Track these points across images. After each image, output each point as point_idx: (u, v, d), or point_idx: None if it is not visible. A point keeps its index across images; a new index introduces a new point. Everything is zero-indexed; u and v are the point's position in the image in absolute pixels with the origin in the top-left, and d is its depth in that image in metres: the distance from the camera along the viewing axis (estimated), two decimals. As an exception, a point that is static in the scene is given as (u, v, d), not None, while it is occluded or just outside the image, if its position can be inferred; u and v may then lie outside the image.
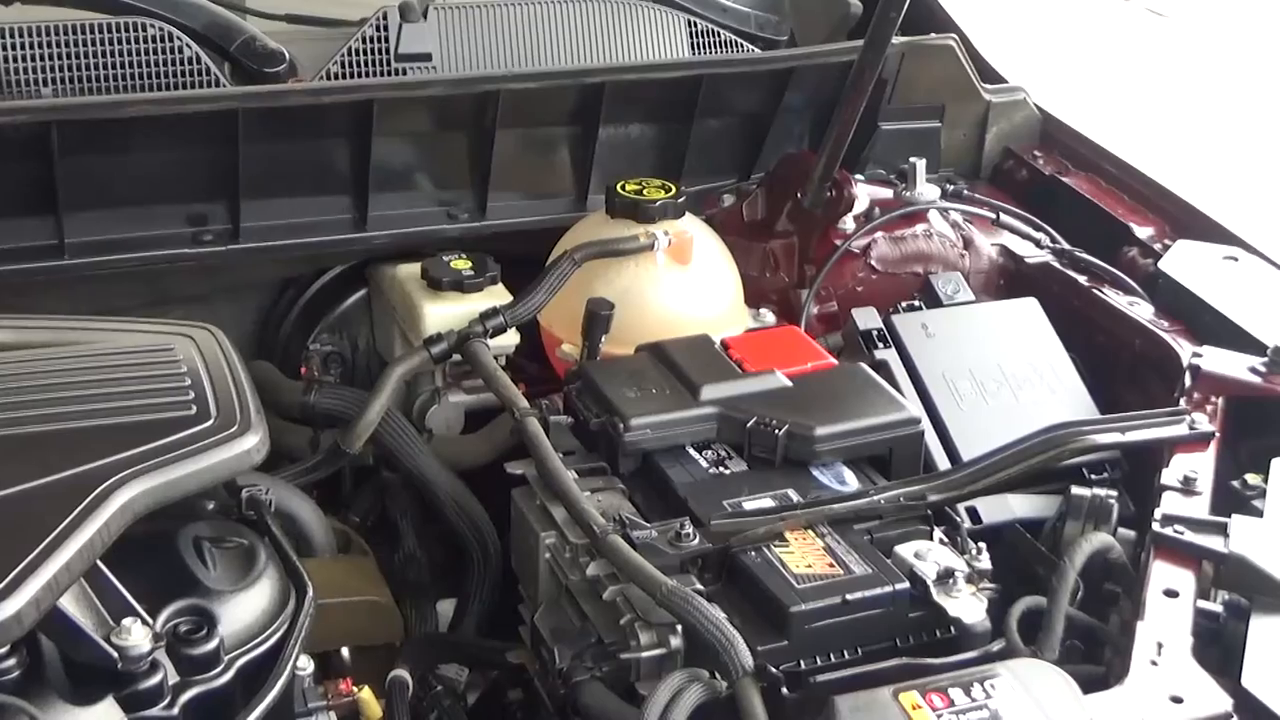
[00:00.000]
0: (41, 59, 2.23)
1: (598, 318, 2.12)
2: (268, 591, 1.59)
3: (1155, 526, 1.73)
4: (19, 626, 1.33)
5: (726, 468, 1.85)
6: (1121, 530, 1.81)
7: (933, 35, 2.66)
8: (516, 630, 1.95)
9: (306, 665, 1.63)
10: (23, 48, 2.22)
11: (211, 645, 1.49)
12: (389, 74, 2.39)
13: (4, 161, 2.09)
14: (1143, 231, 2.48)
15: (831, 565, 1.63)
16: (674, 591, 1.55)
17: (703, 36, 2.71)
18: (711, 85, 2.45)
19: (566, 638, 1.74)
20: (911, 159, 2.51)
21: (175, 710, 1.46)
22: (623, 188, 2.28)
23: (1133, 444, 1.89)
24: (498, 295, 2.26)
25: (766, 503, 1.76)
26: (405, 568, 2.25)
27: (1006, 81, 2.82)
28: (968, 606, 1.60)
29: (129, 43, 2.24)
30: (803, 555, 1.65)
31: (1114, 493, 1.85)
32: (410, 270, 2.32)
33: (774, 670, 1.51)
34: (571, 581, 1.77)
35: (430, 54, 2.42)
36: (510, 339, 2.22)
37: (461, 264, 2.28)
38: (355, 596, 2.01)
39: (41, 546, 1.36)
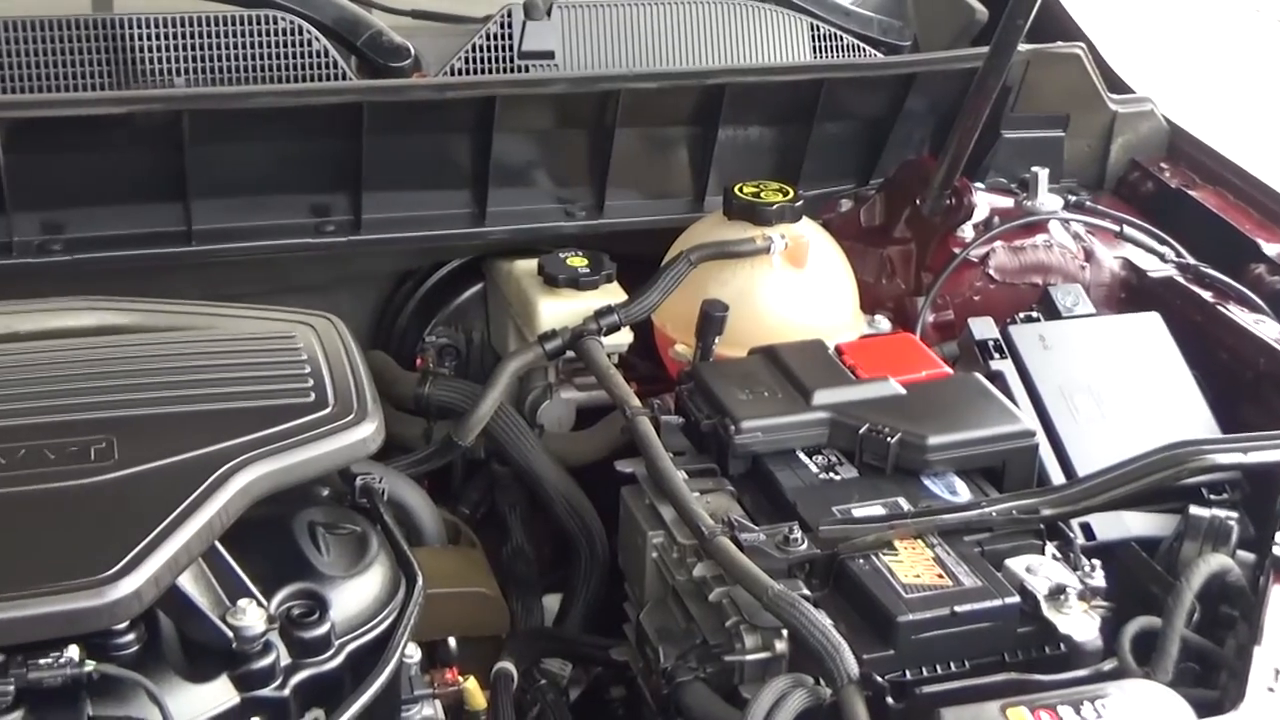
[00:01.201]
0: (176, 49, 2.27)
1: (712, 319, 2.12)
2: (379, 579, 1.61)
3: (1276, 550, 1.69)
4: (139, 603, 1.36)
5: (837, 473, 1.84)
6: (1240, 553, 1.77)
7: (1059, 43, 2.62)
8: (621, 628, 1.96)
9: (414, 653, 1.65)
10: (158, 38, 2.26)
11: (323, 629, 1.52)
12: (511, 71, 2.41)
13: (138, 148, 2.14)
14: (1271, 248, 2.42)
15: (941, 576, 1.62)
16: (780, 595, 1.55)
17: (825, 40, 2.69)
18: (832, 89, 2.43)
19: (671, 637, 1.75)
20: (1034, 168, 2.48)
21: (286, 691, 1.48)
22: (740, 190, 2.28)
23: (1255, 465, 1.84)
24: (613, 293, 2.27)
25: (876, 510, 1.75)
26: (513, 561, 2.26)
27: (1134, 92, 2.77)
28: (1079, 624, 1.57)
29: (260, 35, 2.28)
30: (911, 565, 1.64)
31: (1234, 514, 1.80)
32: (527, 266, 2.34)
33: (879, 679, 1.50)
34: (678, 581, 1.77)
35: (553, 52, 2.44)
36: (624, 337, 2.22)
37: (578, 261, 2.29)
38: (463, 588, 2.03)
39: (163, 525, 1.40)
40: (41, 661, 1.34)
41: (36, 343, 1.75)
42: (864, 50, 2.73)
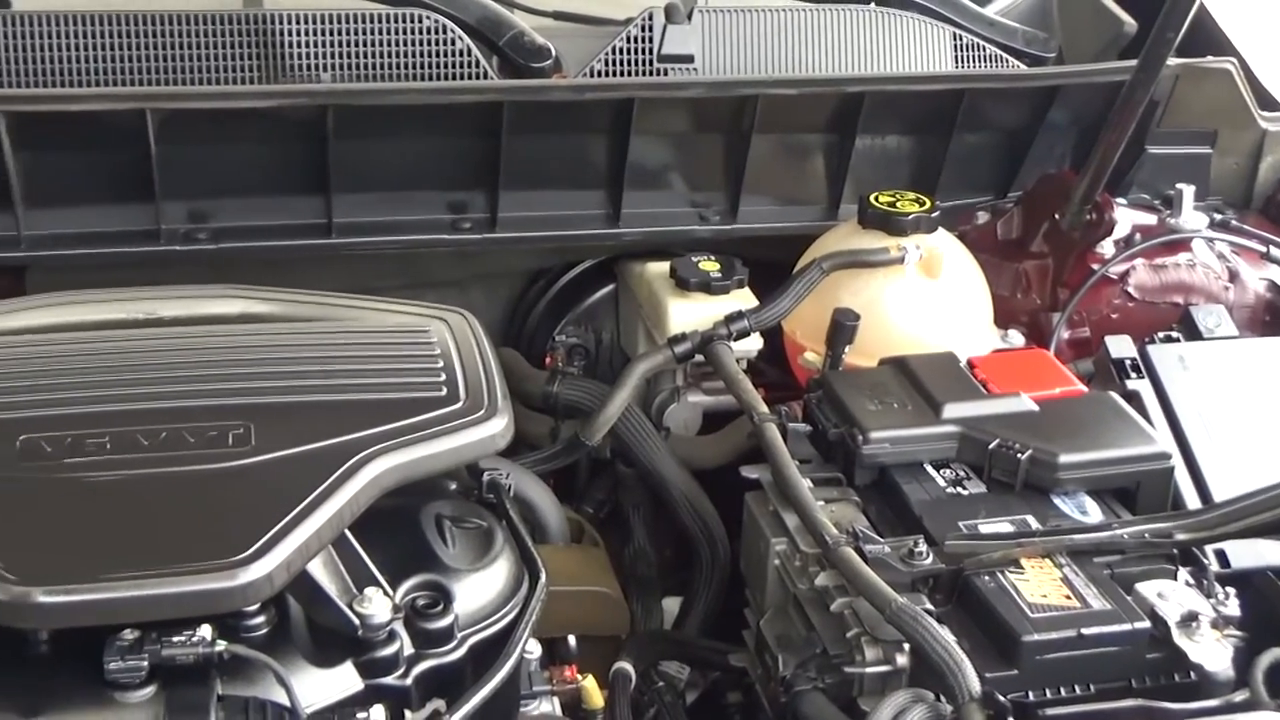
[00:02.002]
0: (323, 45, 2.32)
1: (843, 328, 2.11)
2: (503, 573, 1.62)
3: None
4: (270, 586, 1.39)
5: (964, 488, 1.81)
6: (1382, 586, 1.72)
7: (1210, 58, 2.56)
8: (740, 634, 1.95)
9: (534, 649, 1.67)
10: (306, 33, 2.31)
11: (446, 621, 1.53)
12: (651, 74, 2.42)
13: (283, 142, 2.18)
14: None
15: (1068, 597, 1.59)
16: (904, 609, 1.54)
17: (967, 50, 2.66)
18: (973, 99, 2.41)
19: (791, 646, 1.74)
20: (1178, 185, 2.43)
21: (408, 681, 1.50)
22: (876, 199, 2.27)
23: (1400, 497, 1.79)
24: (744, 298, 2.26)
25: (1004, 527, 1.73)
26: (634, 562, 2.27)
27: (1287, 109, 2.70)
28: (1211, 652, 1.54)
29: (405, 33, 2.32)
30: (1038, 584, 1.61)
31: (1376, 547, 1.76)
32: (659, 268, 2.34)
33: (1001, 699, 1.48)
34: (800, 590, 1.76)
35: (692, 55, 2.44)
36: (753, 343, 2.22)
37: (710, 265, 2.29)
38: (585, 586, 2.04)
39: (296, 511, 1.42)
40: (175, 639, 1.37)
41: (181, 328, 1.80)
42: (1007, 61, 2.69)
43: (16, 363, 1.68)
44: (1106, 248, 2.35)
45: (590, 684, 1.78)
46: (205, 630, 1.38)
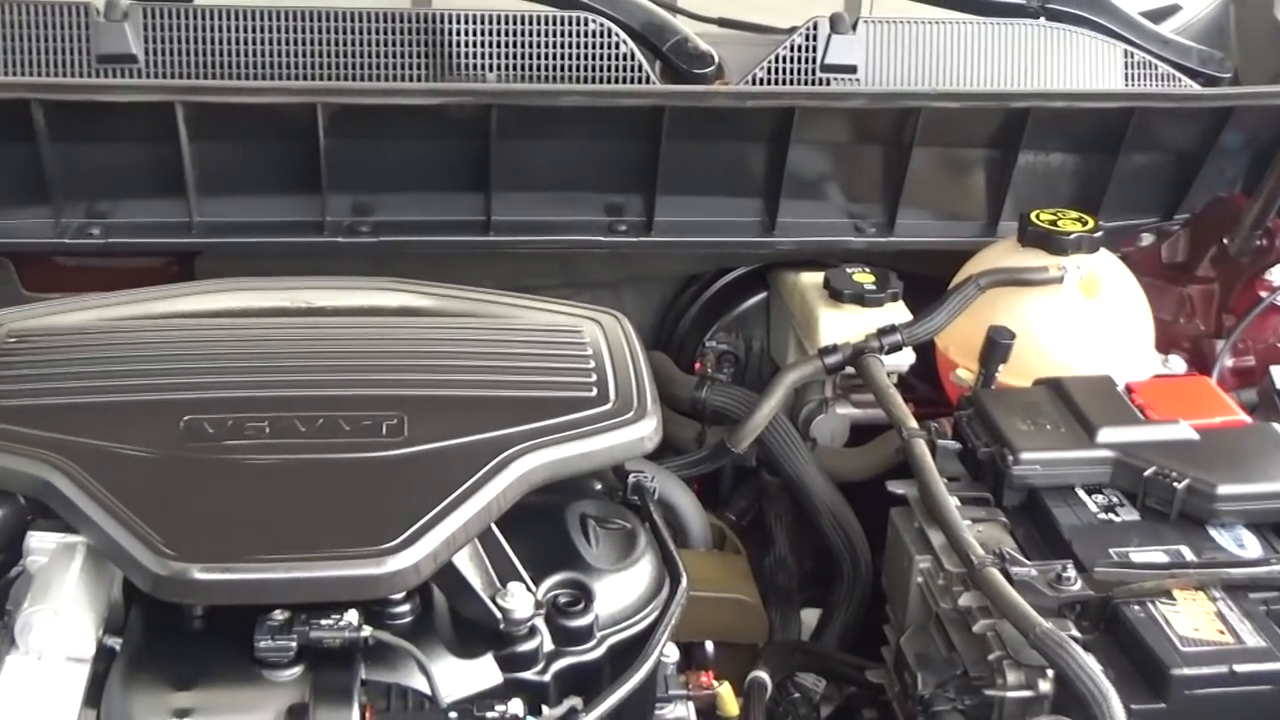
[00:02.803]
0: (489, 45, 2.35)
1: (997, 346, 2.08)
2: (644, 575, 1.63)
3: None
4: (416, 576, 1.41)
5: (1117, 515, 1.78)
6: None
7: (1393, 83, 2.48)
8: (878, 650, 1.94)
9: (672, 653, 1.67)
10: (472, 33, 2.34)
11: (587, 619, 1.55)
12: (813, 83, 2.41)
13: (446, 139, 2.22)
14: None
15: (1222, 632, 1.55)
16: (1049, 634, 1.51)
17: (1138, 68, 2.60)
18: (1143, 119, 2.35)
19: (931, 665, 1.72)
20: (1356, 212, 2.35)
21: (547, 677, 1.52)
22: (1037, 216, 2.23)
23: None
24: (897, 312, 2.24)
25: (1157, 556, 1.69)
26: (775, 571, 2.27)
27: None
28: (1370, 698, 1.49)
29: (570, 35, 2.34)
30: (1191, 617, 1.57)
31: None
32: (812, 278, 2.33)
33: (1147, 732, 1.45)
34: (942, 609, 1.74)
35: (855, 66, 2.42)
36: (905, 357, 2.20)
37: (864, 277, 2.28)
38: (725, 593, 2.04)
39: (445, 503, 1.45)
40: (323, 622, 1.40)
41: (341, 319, 1.84)
42: (1180, 80, 2.63)
43: (184, 345, 1.74)
44: (1276, 275, 2.29)
45: (726, 691, 1.78)
46: (352, 615, 1.41)
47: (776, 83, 2.38)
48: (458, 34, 2.33)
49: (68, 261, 2.33)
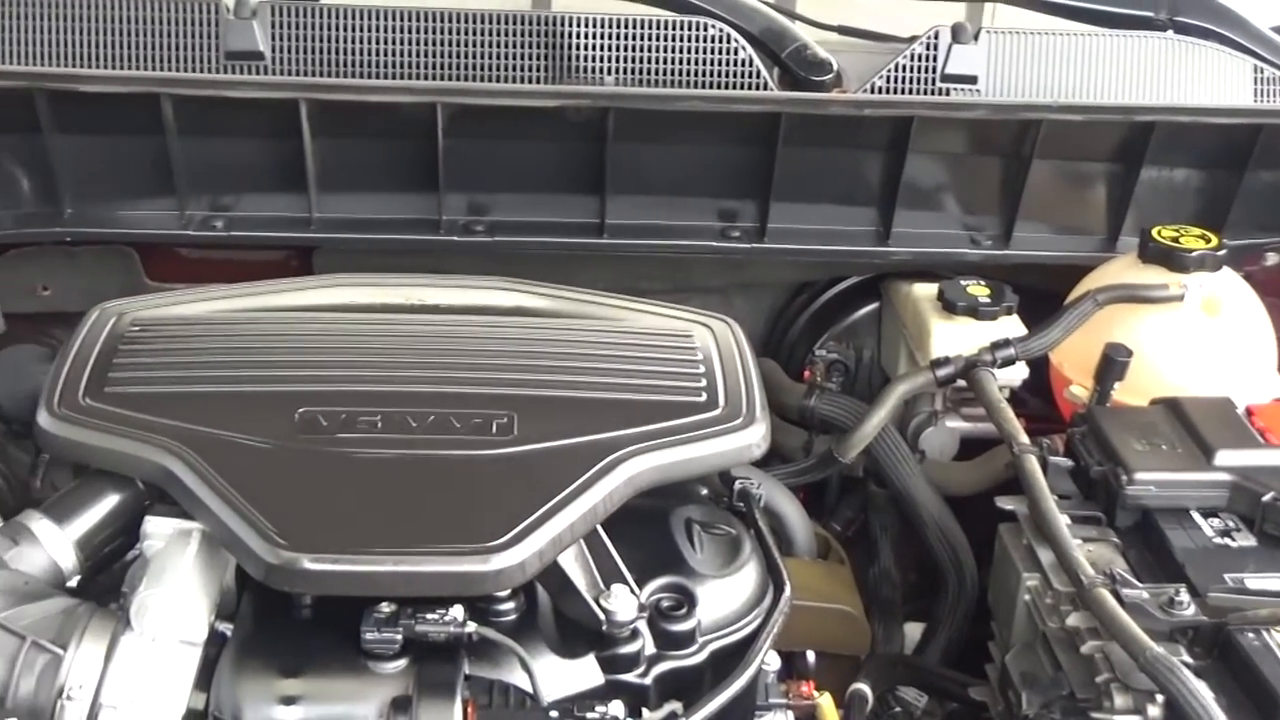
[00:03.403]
0: (608, 49, 2.36)
1: (1113, 363, 2.04)
2: (748, 582, 1.63)
3: None
4: (522, 574, 1.43)
5: (1233, 539, 1.74)
6: None
7: None
8: (982, 666, 1.92)
9: (774, 661, 1.66)
10: (592, 36, 2.35)
11: (690, 624, 1.55)
12: (932, 93, 2.39)
13: (563, 141, 2.23)
14: None
15: (1339, 663, 1.51)
16: (1160, 659, 1.48)
17: (1268, 84, 2.55)
18: (1271, 136, 2.30)
19: (1036, 684, 1.70)
20: None
21: (648, 680, 1.52)
22: (1159, 232, 2.19)
23: None
24: (1012, 326, 2.22)
25: (1274, 584, 1.65)
26: (879, 583, 2.25)
27: None
28: None
29: (689, 40, 2.34)
30: (1308, 647, 1.54)
31: None
32: (926, 290, 2.31)
33: (1259, 763, 1.42)
34: (1049, 628, 1.72)
35: (976, 76, 2.39)
36: (1018, 372, 2.17)
37: (979, 290, 2.26)
38: (828, 603, 2.03)
39: (552, 503, 1.46)
40: (428, 616, 1.42)
41: (454, 316, 1.86)
42: (1311, 97, 2.57)
43: (301, 339, 1.77)
44: (1406, 299, 2.23)
45: (826, 702, 1.76)
46: (457, 611, 1.43)
47: (895, 92, 2.37)
48: (577, 37, 2.34)
49: (190, 253, 2.39)
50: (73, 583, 1.55)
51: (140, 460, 1.55)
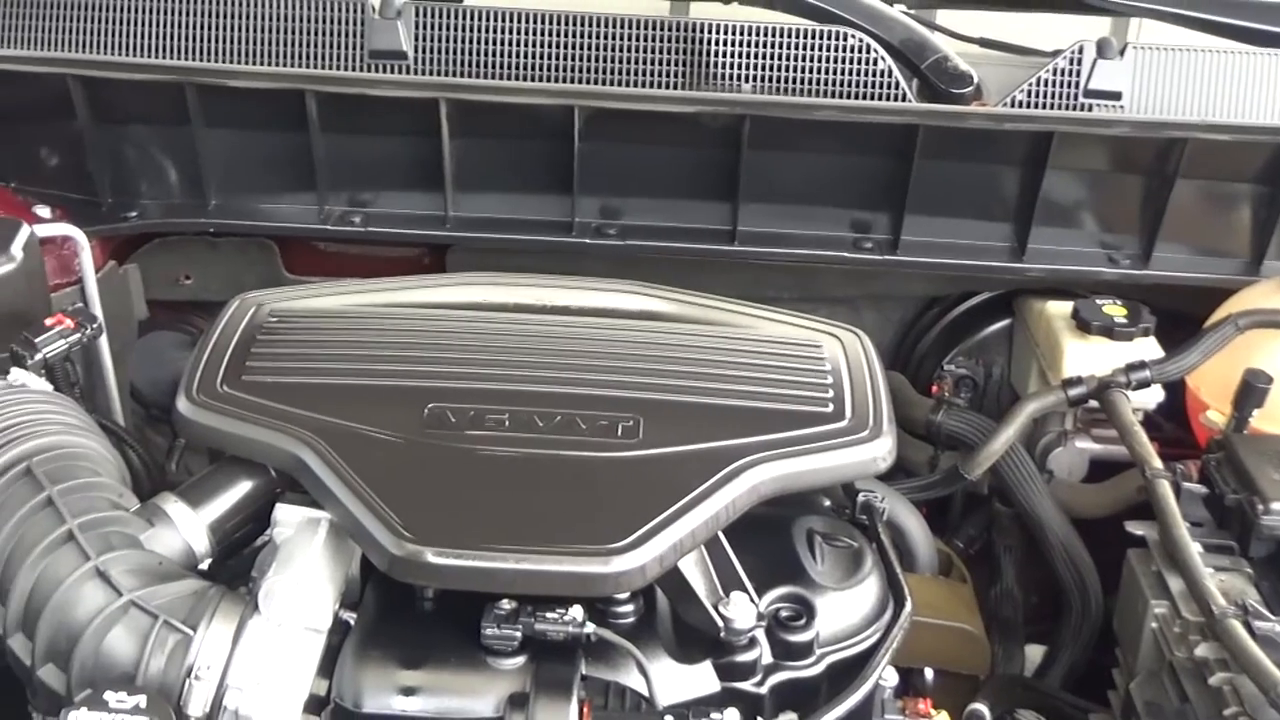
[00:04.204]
0: (744, 56, 2.35)
1: (1253, 390, 1.99)
2: (869, 596, 1.62)
3: None
4: (642, 577, 1.43)
5: (1372, 575, 1.69)
6: None
7: None
8: (1104, 692, 1.89)
9: (891, 677, 1.64)
10: (730, 44, 2.35)
11: (808, 635, 1.55)
12: (1074, 108, 2.35)
13: (697, 147, 2.23)
14: None
15: None
16: (1291, 695, 1.45)
17: None
18: None
19: (1161, 714, 1.67)
20: None
21: (764, 689, 1.52)
22: (1307, 257, 2.14)
23: None
24: (1148, 347, 2.17)
25: None
26: (1000, 603, 2.22)
27: None
28: None
29: (828, 49, 2.33)
30: None
31: None
32: (1060, 308, 2.28)
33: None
34: (1176, 658, 1.68)
35: (1120, 92, 2.35)
36: (1153, 395, 2.13)
37: (1115, 310, 2.21)
38: (949, 621, 2.01)
39: (675, 508, 1.46)
40: (548, 615, 1.43)
41: (583, 318, 1.88)
42: None
43: (432, 335, 1.80)
44: None
45: (943, 720, 1.75)
46: (577, 611, 1.44)
47: (1036, 106, 2.33)
48: (716, 44, 2.35)
49: (328, 247, 2.43)
50: (204, 565, 1.58)
51: (273, 449, 1.59)
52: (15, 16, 2.38)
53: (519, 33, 2.33)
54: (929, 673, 1.80)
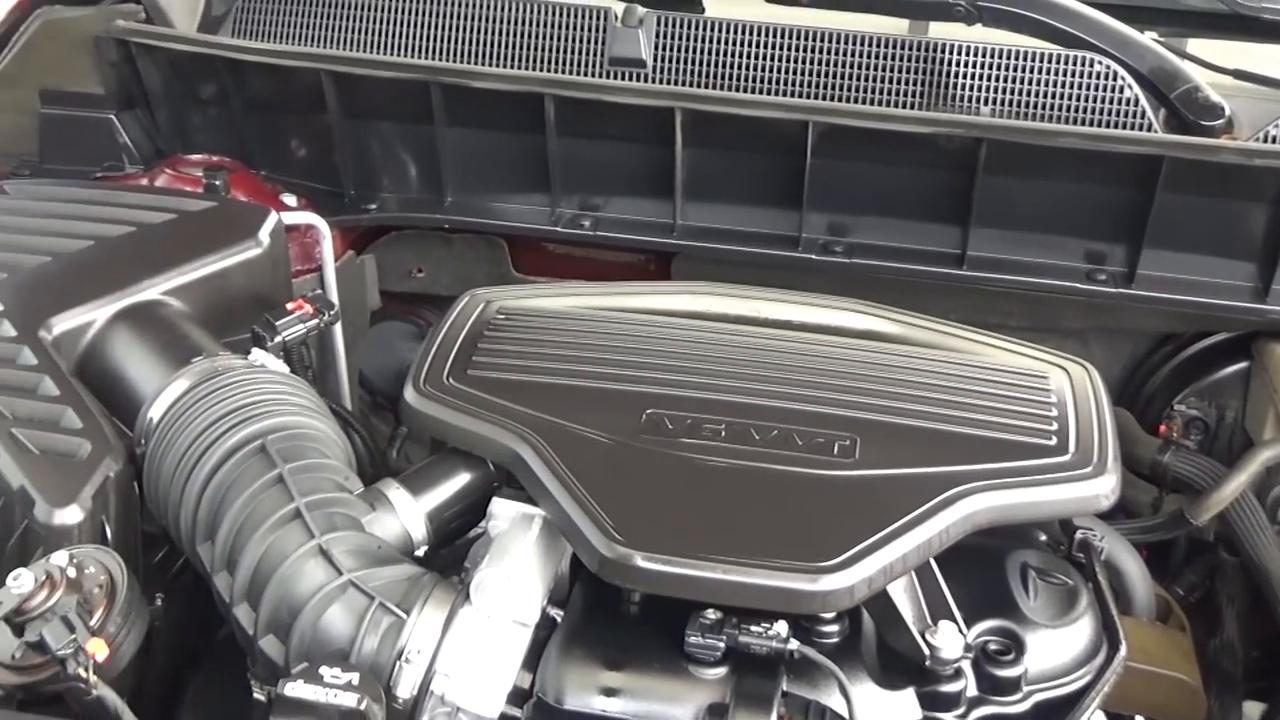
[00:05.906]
0: (985, 78, 2.32)
1: None
2: (1082, 636, 1.58)
3: None
4: (849, 598, 1.42)
5: None
6: None
7: None
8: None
9: (1099, 720, 1.61)
10: (970, 65, 2.32)
11: (1016, 671, 1.51)
12: None
13: (931, 169, 2.20)
14: None
15: None
16: None
17: None
18: None
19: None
20: None
21: (968, 721, 1.49)
22: None
23: None
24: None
25: None
26: (1220, 655, 2.13)
27: None
28: None
29: (1073, 75, 2.28)
30: None
31: None
32: (1303, 353, 2.18)
33: None
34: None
35: None
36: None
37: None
38: (1164, 669, 1.94)
39: (887, 531, 1.45)
40: (753, 628, 1.43)
41: (806, 334, 1.87)
42: None
43: (654, 341, 1.81)
44: None
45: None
46: (781, 626, 1.43)
47: (1292, 142, 2.24)
48: (956, 65, 2.32)
49: (556, 248, 2.48)
50: (420, 552, 1.62)
51: (494, 443, 1.62)
52: (276, 14, 2.49)
53: (757, 45, 2.34)
54: (1140, 720, 1.75)
